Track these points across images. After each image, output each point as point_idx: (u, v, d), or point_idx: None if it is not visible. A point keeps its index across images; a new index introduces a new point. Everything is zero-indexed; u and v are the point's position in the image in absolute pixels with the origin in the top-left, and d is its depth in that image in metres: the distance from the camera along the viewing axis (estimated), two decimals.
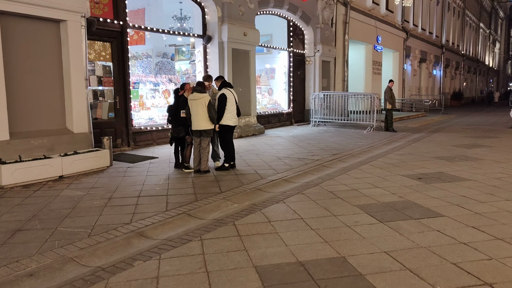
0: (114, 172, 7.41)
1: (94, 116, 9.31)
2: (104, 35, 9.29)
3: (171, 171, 7.54)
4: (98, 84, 9.32)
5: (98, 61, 9.33)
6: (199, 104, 7.14)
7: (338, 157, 9.02)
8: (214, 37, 11.92)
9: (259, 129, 13.21)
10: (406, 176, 7.07)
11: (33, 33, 7.17)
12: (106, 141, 7.98)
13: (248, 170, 7.58)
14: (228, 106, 7.44)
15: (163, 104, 11.59)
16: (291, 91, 16.17)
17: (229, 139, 7.61)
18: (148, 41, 13.93)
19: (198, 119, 7.19)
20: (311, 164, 8.22)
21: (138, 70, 13.70)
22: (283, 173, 7.31)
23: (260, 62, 16.52)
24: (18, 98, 6.96)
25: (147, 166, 8.02)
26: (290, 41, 15.98)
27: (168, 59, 14.26)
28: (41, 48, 7.29)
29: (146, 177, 7.05)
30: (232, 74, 12.25)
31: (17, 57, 6.95)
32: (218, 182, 6.64)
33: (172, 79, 12.42)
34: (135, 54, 14.07)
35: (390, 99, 14.22)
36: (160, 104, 11.64)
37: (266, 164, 8.19)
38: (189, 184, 6.53)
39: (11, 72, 6.83)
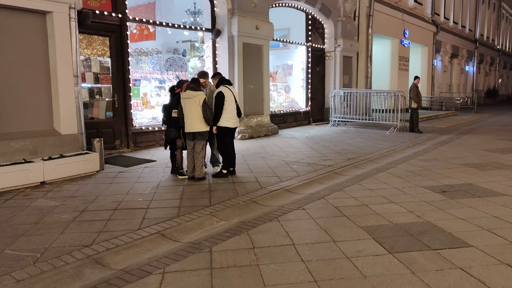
0: (102, 178, 6.78)
1: (90, 116, 8.73)
2: (101, 28, 8.68)
3: (165, 177, 6.85)
4: (94, 82, 8.73)
5: (95, 57, 8.74)
6: (193, 103, 6.41)
7: (353, 163, 8.10)
8: (223, 31, 11.16)
9: (272, 129, 12.39)
10: (428, 188, 6.12)
11: (16, 26, 6.60)
12: (96, 144, 7.37)
13: (249, 177, 6.80)
14: (227, 105, 6.67)
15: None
16: (309, 88, 15.25)
17: (228, 143, 6.84)
18: (159, 37, 13.36)
19: (192, 120, 6.45)
20: (321, 170, 7.35)
21: (148, 67, 13.17)
22: (286, 182, 6.49)
23: (276, 58, 15.69)
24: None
25: (141, 171, 7.36)
26: (308, 36, 15.05)
27: (180, 55, 13.61)
28: (25, 43, 6.71)
29: (134, 184, 6.38)
30: (243, 70, 11.47)
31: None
32: (211, 192, 5.88)
33: (180, 76, 11.74)
34: (145, 50, 13.58)
35: (416, 97, 13.10)
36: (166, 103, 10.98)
37: (270, 170, 7.38)
38: (178, 194, 5.81)
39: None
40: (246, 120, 11.63)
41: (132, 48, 13.58)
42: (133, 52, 13.74)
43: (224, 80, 6.86)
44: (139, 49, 13.60)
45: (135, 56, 13.68)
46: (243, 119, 11.45)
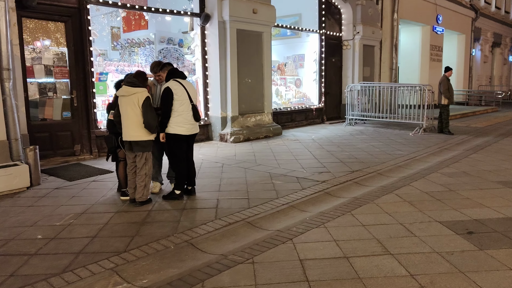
0: (24, 199, 5.36)
1: (42, 117, 7.36)
2: (55, 12, 7.26)
3: (105, 198, 5.36)
4: (46, 75, 7.34)
5: (47, 46, 7.34)
6: (130, 103, 4.86)
7: (357, 177, 6.33)
8: (213, 16, 9.55)
9: (274, 129, 10.70)
10: (447, 225, 4.30)
11: None
12: (29, 153, 5.97)
13: (209, 200, 5.19)
14: (177, 106, 5.07)
15: None
16: (322, 82, 13.42)
17: (180, 155, 5.24)
18: (151, 26, 11.90)
19: (128, 125, 4.91)
20: (309, 189, 5.65)
21: (140, 59, 11.78)
22: (255, 208, 4.84)
23: (286, 48, 13.96)
24: None
25: (83, 186, 5.90)
26: (322, 22, 13.19)
27: (175, 45, 12.08)
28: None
29: (57, 208, 4.91)
30: (238, 61, 9.82)
31: None
32: (142, 226, 4.32)
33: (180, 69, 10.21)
34: (136, 40, 12.19)
35: (447, 92, 11.01)
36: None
37: (245, 187, 5.74)
38: (97, 227, 4.28)
39: None
40: (242, 120, 10.01)
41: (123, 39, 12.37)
42: (125, 43, 12.41)
43: (175, 73, 5.25)
44: (131, 40, 12.26)
45: (127, 47, 12.35)
46: (237, 118, 9.83)
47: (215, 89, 9.76)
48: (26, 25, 7.00)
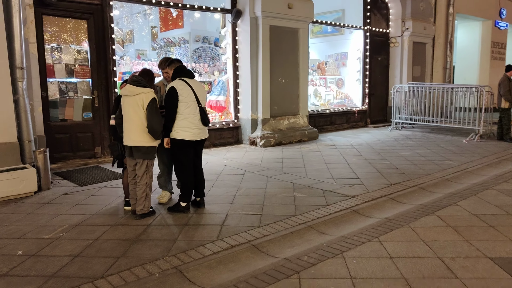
0: (27, 204, 5.06)
1: (62, 117, 7.13)
2: (76, 9, 7.00)
3: (108, 207, 4.95)
4: (67, 75, 7.10)
5: (68, 45, 7.10)
6: (133, 105, 4.38)
7: (394, 192, 5.49)
8: (245, 12, 8.98)
9: (309, 133, 9.95)
10: (501, 265, 3.41)
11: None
12: (38, 155, 5.69)
13: (216, 215, 4.61)
14: (182, 108, 4.53)
15: None
16: (366, 82, 12.45)
17: (186, 163, 4.69)
18: (186, 24, 11.56)
19: (130, 128, 4.43)
20: (335, 206, 4.91)
21: None
22: (264, 228, 4.19)
23: (328, 46, 13.14)
24: None
25: (93, 193, 5.55)
26: (367, 17, 12.22)
27: (211, 44, 11.66)
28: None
29: (53, 218, 4.54)
30: (271, 60, 9.18)
31: None
32: (134, 244, 3.81)
33: (197, 68, 9.81)
34: (172, 39, 11.92)
35: (508, 94, 9.70)
36: None
37: (261, 200, 5.10)
38: (83, 244, 3.82)
39: None
40: (274, 122, 9.36)
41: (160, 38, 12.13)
42: (162, 42, 12.18)
43: (182, 71, 4.71)
44: (167, 39, 12.00)
45: (164, 47, 12.12)
46: (269, 120, 9.20)
47: (245, 90, 9.19)
48: (46, 23, 6.79)
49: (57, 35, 6.94)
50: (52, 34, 6.89)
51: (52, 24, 6.88)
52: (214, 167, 6.99)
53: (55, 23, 6.91)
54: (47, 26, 6.81)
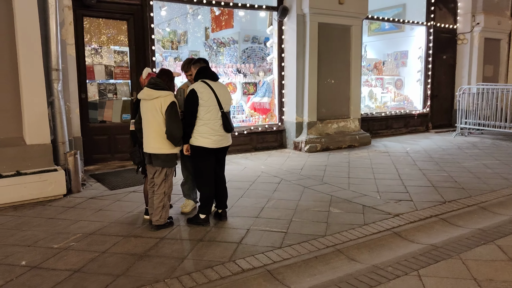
0: (51, 208, 5.00)
1: (101, 119, 7.12)
2: (116, 10, 6.95)
3: (129, 215, 4.74)
4: (107, 77, 7.08)
5: (108, 46, 7.07)
6: (152, 109, 4.10)
7: (446, 211, 4.74)
8: (291, 8, 8.48)
9: (360, 138, 9.23)
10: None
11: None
12: (69, 158, 5.64)
13: (236, 230, 4.19)
14: (202, 112, 4.17)
15: None
16: (428, 82, 11.39)
17: (206, 172, 4.33)
18: (236, 24, 11.30)
19: (149, 134, 4.16)
20: (373, 226, 4.30)
21: (225, 59, 11.30)
22: (286, 250, 3.70)
23: (386, 44, 12.24)
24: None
25: (119, 197, 5.40)
26: (431, 12, 11.16)
27: (261, 44, 11.31)
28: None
29: (71, 225, 4.40)
30: (319, 59, 8.61)
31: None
32: (138, 261, 3.51)
33: (242, 68, 9.48)
34: (222, 39, 11.73)
35: None
36: None
37: (290, 214, 4.61)
38: (88, 257, 3.59)
39: None
40: (321, 126, 8.77)
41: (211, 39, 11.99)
42: (212, 43, 12.06)
43: (203, 72, 4.34)
44: (217, 39, 11.84)
45: (214, 48, 11.99)
46: (315, 124, 8.63)
47: (291, 91, 8.69)
48: (87, 24, 6.79)
49: (97, 36, 6.93)
50: (92, 35, 6.89)
51: (93, 25, 6.88)
52: (250, 174, 6.59)
53: (95, 24, 6.90)
54: (87, 27, 6.81)
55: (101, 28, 6.94)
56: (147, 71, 4.48)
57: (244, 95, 9.52)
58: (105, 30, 6.96)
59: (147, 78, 4.38)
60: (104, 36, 6.99)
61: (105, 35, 6.99)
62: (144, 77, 4.47)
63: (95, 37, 6.92)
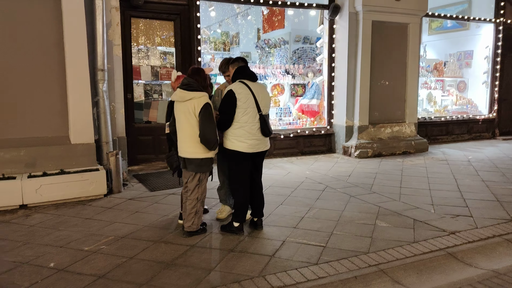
0: (90, 208, 5.01)
1: (146, 119, 7.14)
2: (163, 10, 6.94)
3: (164, 218, 4.63)
4: (153, 77, 7.09)
5: (154, 46, 7.08)
6: (185, 111, 3.92)
7: (509, 232, 4.16)
8: (343, 6, 8.06)
9: (417, 144, 8.58)
10: None
11: (22, 11, 5.37)
12: (110, 158, 5.66)
13: (271, 241, 3.91)
14: (239, 115, 3.93)
15: None
16: (496, 85, 10.42)
17: (241, 178, 4.09)
18: (288, 24, 11.04)
19: (183, 138, 3.99)
20: (423, 244, 3.84)
21: (276, 60, 11.09)
22: (322, 267, 3.37)
23: (448, 44, 11.41)
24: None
25: (156, 200, 5.32)
26: (500, 8, 10.21)
27: (312, 44, 10.98)
28: (30, 30, 5.43)
29: (105, 226, 4.35)
30: (372, 60, 8.11)
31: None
32: (164, 270, 3.34)
33: (291, 69, 9.18)
34: (272, 40, 11.53)
35: None
36: None
37: (331, 226, 4.26)
38: (115, 262, 3.48)
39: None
40: (373, 131, 8.26)
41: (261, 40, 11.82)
42: (263, 44, 11.90)
43: (242, 72, 4.11)
44: (267, 40, 11.65)
45: (264, 49, 11.82)
46: (367, 128, 8.13)
47: (341, 93, 8.26)
48: (134, 25, 6.84)
49: (144, 37, 6.96)
50: (139, 36, 6.92)
51: (140, 26, 6.91)
52: (293, 180, 6.28)
53: (142, 25, 6.93)
54: (134, 28, 6.85)
55: (148, 28, 6.96)
56: (175, 74, 4.34)
57: (292, 96, 9.23)
58: (151, 31, 6.97)
59: (176, 81, 4.23)
60: (151, 37, 7.00)
61: (152, 36, 7.00)
62: (173, 80, 4.32)
63: (142, 38, 6.95)
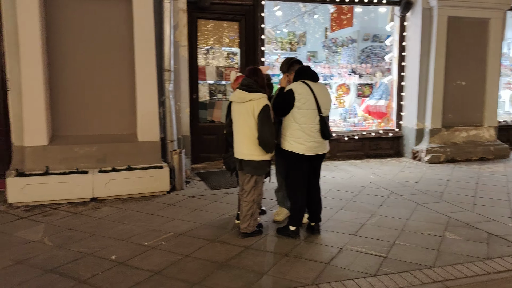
0: (153, 204, 5.19)
1: (210, 119, 7.27)
2: (228, 11, 7.02)
3: (222, 218, 4.67)
4: (217, 78, 7.19)
5: (219, 47, 7.18)
6: (244, 113, 3.91)
7: None
8: (416, 2, 7.61)
9: (496, 149, 7.88)
10: None
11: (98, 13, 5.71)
12: (174, 156, 5.83)
13: (327, 248, 3.77)
14: (298, 116, 3.83)
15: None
16: None
17: (297, 180, 3.98)
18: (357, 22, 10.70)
19: (240, 139, 3.98)
20: (498, 261, 3.49)
21: (343, 60, 10.82)
22: (380, 278, 3.17)
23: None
24: (64, 93, 5.68)
25: (216, 198, 5.40)
26: None
27: (382, 43, 10.55)
28: (105, 31, 5.75)
29: (166, 222, 4.49)
30: (446, 58, 7.57)
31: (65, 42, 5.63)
32: (217, 271, 3.34)
33: (358, 69, 8.87)
34: (339, 39, 11.23)
35: None
36: None
37: (394, 235, 4.02)
38: (171, 259, 3.55)
39: (56, 61, 5.60)
40: (446, 134, 7.71)
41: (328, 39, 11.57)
42: (330, 43, 11.66)
43: (304, 73, 3.99)
44: (334, 39, 11.38)
45: (334, 48, 11.56)
46: (440, 131, 7.62)
47: (411, 94, 7.82)
48: (200, 26, 6.99)
49: (209, 37, 7.09)
50: (204, 37, 7.07)
51: (205, 27, 7.05)
52: (356, 184, 6.04)
53: (208, 26, 7.06)
54: (200, 29, 7.00)
55: (214, 29, 7.08)
56: (234, 75, 4.33)
57: (358, 97, 8.91)
58: (217, 32, 7.09)
59: (235, 81, 4.22)
60: (216, 38, 7.11)
61: (217, 37, 7.11)
62: (232, 80, 4.32)
63: (207, 39, 7.08)
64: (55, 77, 5.59)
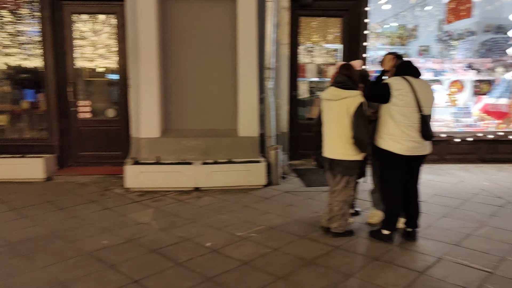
0: (249, 197, 5.39)
1: (308, 116, 7.27)
2: (331, 7, 6.92)
3: (314, 215, 4.68)
4: (317, 75, 7.15)
5: (320, 44, 7.12)
6: (338, 111, 3.84)
7: None
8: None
9: None
10: None
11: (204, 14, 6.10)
12: (270, 152, 5.97)
13: (423, 256, 3.54)
14: (396, 112, 3.63)
15: (443, 102, 7.76)
16: None
17: (392, 181, 3.78)
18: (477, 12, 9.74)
19: (331, 138, 3.93)
20: None
21: (458, 54, 10.01)
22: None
23: None
24: (174, 90, 6.18)
25: (310, 196, 5.42)
26: None
27: (505, 34, 9.49)
28: (210, 30, 6.12)
29: (260, 215, 4.65)
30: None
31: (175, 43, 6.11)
32: (303, 267, 3.36)
33: (476, 64, 8.07)
34: (455, 32, 10.36)
35: None
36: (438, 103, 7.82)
37: (505, 249, 3.60)
38: (260, 251, 3.66)
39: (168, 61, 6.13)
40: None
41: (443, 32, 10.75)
42: (445, 36, 10.85)
43: (406, 67, 3.76)
44: (450, 32, 10.53)
45: (447, 41, 10.74)
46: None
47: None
48: (301, 24, 7.02)
49: (310, 35, 7.08)
50: (305, 34, 7.07)
51: (306, 24, 7.06)
52: (465, 190, 5.53)
53: (310, 23, 7.06)
54: (302, 26, 7.03)
55: (315, 26, 7.05)
56: (332, 71, 4.24)
57: (475, 95, 8.09)
58: (318, 29, 7.05)
59: (333, 77, 4.15)
60: (318, 35, 7.08)
61: (318, 34, 7.07)
62: (330, 76, 4.24)
63: (308, 36, 7.08)
64: (167, 75, 6.14)
